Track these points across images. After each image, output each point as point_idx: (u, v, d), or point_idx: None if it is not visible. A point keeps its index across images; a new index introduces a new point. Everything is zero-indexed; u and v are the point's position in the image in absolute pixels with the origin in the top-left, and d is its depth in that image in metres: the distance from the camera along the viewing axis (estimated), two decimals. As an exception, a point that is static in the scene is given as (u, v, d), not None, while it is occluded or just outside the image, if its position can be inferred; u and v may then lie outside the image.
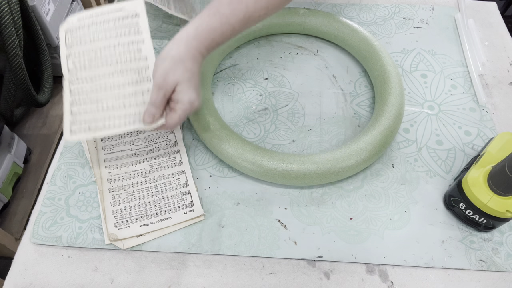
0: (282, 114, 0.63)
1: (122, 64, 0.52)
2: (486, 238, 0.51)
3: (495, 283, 0.49)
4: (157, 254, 0.50)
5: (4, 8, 0.99)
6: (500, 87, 0.67)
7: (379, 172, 0.57)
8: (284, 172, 0.52)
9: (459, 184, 0.50)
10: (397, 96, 0.58)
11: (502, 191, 0.46)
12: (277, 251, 0.50)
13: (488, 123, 0.62)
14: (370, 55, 0.64)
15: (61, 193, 0.54)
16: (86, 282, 0.48)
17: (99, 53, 0.52)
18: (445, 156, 0.59)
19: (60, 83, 0.53)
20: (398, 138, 0.60)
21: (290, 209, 0.53)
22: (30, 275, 0.49)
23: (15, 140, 1.19)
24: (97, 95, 0.51)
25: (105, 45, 0.53)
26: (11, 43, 1.04)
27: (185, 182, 0.55)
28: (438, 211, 0.54)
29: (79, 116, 0.50)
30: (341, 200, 0.54)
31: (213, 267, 0.49)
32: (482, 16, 0.78)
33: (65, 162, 0.57)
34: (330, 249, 0.50)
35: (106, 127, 0.50)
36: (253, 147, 0.54)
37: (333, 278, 0.49)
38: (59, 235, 0.51)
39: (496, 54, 0.72)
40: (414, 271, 0.49)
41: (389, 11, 0.78)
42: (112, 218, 0.52)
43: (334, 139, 0.60)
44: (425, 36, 0.74)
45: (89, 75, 0.51)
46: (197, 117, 0.57)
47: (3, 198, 1.16)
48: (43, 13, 1.22)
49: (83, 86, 0.51)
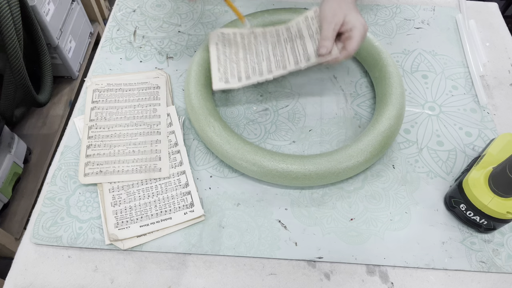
0: (282, 114, 0.63)
1: (137, 119, 0.60)
2: (486, 239, 0.51)
3: (495, 284, 0.48)
4: (157, 255, 0.50)
5: (4, 8, 0.99)
6: (501, 88, 0.67)
7: (380, 173, 0.57)
8: (285, 172, 0.52)
9: (460, 185, 0.50)
10: (398, 97, 0.58)
11: (503, 192, 0.46)
12: (278, 251, 0.50)
13: (489, 124, 0.62)
14: (371, 56, 0.64)
15: (62, 193, 0.54)
16: (86, 282, 0.48)
17: (120, 110, 0.61)
18: (446, 157, 0.59)
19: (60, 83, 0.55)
20: (398, 139, 0.60)
21: (290, 210, 0.53)
22: (30, 275, 0.49)
23: (15, 140, 1.19)
24: (111, 141, 0.58)
25: (127, 105, 0.62)
26: (11, 43, 1.04)
27: (186, 183, 0.55)
28: (438, 212, 0.54)
29: (93, 158, 0.56)
30: (341, 201, 0.54)
31: (213, 268, 0.49)
32: (483, 17, 0.78)
33: (65, 162, 0.57)
34: (331, 250, 0.50)
35: (115, 172, 0.55)
36: (253, 147, 0.53)
37: (334, 279, 0.49)
38: (59, 235, 0.51)
39: (497, 55, 0.72)
40: (415, 272, 0.49)
41: (390, 12, 0.78)
42: (113, 218, 0.52)
43: (335, 139, 0.60)
44: (426, 36, 0.74)
45: (107, 125, 0.60)
46: (198, 117, 0.57)
47: (3, 198, 1.16)
48: (43, 13, 1.22)
49: (100, 132, 0.59)
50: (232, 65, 0.61)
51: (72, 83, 1.49)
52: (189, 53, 0.70)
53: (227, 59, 0.62)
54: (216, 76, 0.59)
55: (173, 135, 0.59)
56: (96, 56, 0.69)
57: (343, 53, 0.56)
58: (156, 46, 0.71)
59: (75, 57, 1.46)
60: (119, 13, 0.75)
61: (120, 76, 0.66)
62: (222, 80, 0.59)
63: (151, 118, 0.61)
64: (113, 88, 0.64)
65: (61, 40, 1.34)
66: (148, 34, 0.72)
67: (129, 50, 0.70)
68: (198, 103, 0.57)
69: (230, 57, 0.62)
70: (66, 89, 1.47)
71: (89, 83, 0.64)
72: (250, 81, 0.59)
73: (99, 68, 0.67)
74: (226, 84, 0.59)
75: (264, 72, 0.60)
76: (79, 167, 0.56)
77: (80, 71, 1.52)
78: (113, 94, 0.63)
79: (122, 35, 0.72)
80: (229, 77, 0.59)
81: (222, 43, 0.63)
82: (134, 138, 0.59)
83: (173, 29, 0.73)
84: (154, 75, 0.66)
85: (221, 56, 0.62)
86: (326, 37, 0.55)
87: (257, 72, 0.60)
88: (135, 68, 0.67)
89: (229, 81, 0.59)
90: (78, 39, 1.49)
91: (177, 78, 0.66)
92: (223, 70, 0.60)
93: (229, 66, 0.61)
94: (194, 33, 0.73)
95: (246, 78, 0.59)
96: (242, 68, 0.61)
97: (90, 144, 0.58)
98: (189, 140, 0.60)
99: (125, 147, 0.58)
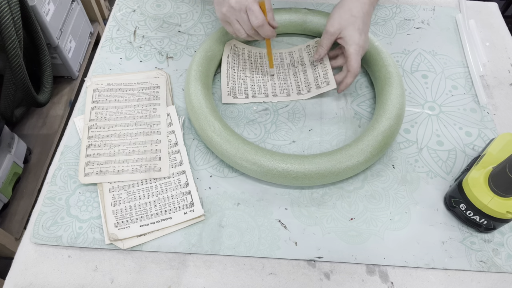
0: (282, 114, 0.63)
1: (137, 119, 0.60)
2: (486, 239, 0.51)
3: (495, 284, 0.49)
4: (157, 254, 0.50)
5: (4, 8, 0.99)
6: (501, 87, 0.67)
7: (380, 173, 0.57)
8: (285, 172, 0.52)
9: (460, 185, 0.50)
10: (398, 97, 0.58)
11: (502, 192, 0.46)
12: (278, 251, 0.50)
13: (489, 124, 0.62)
14: (371, 56, 0.64)
15: (62, 193, 0.54)
16: (86, 282, 0.48)
17: (120, 109, 0.61)
18: (446, 157, 0.59)
19: (60, 83, 0.55)
20: (398, 138, 0.60)
21: (290, 210, 0.53)
22: (30, 275, 0.49)
23: (15, 140, 1.19)
24: (111, 140, 0.58)
25: (127, 105, 0.62)
26: (11, 43, 1.04)
27: (186, 182, 0.55)
28: (438, 212, 0.54)
29: (93, 158, 0.56)
30: (341, 201, 0.54)
31: (213, 268, 0.49)
32: (483, 16, 0.78)
33: (65, 162, 0.57)
34: (331, 250, 0.50)
35: (115, 172, 0.55)
36: (253, 147, 0.53)
37: (333, 278, 0.49)
38: (59, 235, 0.51)
39: (497, 54, 0.72)
40: (415, 271, 0.49)
41: (390, 12, 0.78)
42: (113, 218, 0.52)
43: (335, 139, 0.60)
44: (426, 36, 0.74)
45: (107, 124, 0.60)
46: (198, 117, 0.57)
47: (3, 198, 1.16)
48: (43, 13, 1.22)
49: (100, 132, 0.59)
50: (239, 81, 0.65)
51: (72, 83, 1.49)
52: (189, 53, 0.70)
53: (236, 74, 0.66)
54: (225, 90, 0.64)
55: (173, 135, 0.59)
56: (96, 56, 0.69)
57: (349, 75, 0.59)
58: (156, 46, 0.71)
59: (75, 57, 1.46)
60: (119, 13, 0.75)
61: (120, 76, 0.66)
62: (230, 94, 0.64)
63: (151, 118, 0.61)
64: (113, 88, 0.64)
65: (61, 40, 1.34)
66: (148, 34, 0.72)
67: (129, 50, 0.70)
68: (198, 103, 0.57)
69: (238, 74, 0.66)
70: (66, 89, 1.47)
71: (89, 83, 0.64)
72: (255, 100, 0.64)
73: (99, 68, 0.67)
74: (234, 99, 0.63)
75: (269, 94, 0.65)
76: (79, 167, 0.56)
77: (80, 71, 1.52)
78: (113, 94, 0.63)
79: (122, 35, 0.72)
80: (237, 92, 0.64)
81: (233, 57, 0.66)
82: (134, 138, 0.59)
83: (173, 29, 0.73)
84: (154, 75, 0.66)
85: (230, 70, 0.65)
86: (320, 44, 0.62)
87: (263, 92, 0.65)
88: (135, 68, 0.68)
89: (237, 97, 0.64)
90: (78, 39, 1.49)
91: (177, 78, 0.66)
92: (232, 85, 0.65)
93: (237, 82, 0.65)
94: (194, 33, 0.73)
95: (252, 96, 0.64)
96: (249, 86, 0.65)
97: (90, 144, 0.58)
98: (189, 140, 0.60)
99: (125, 147, 0.58)
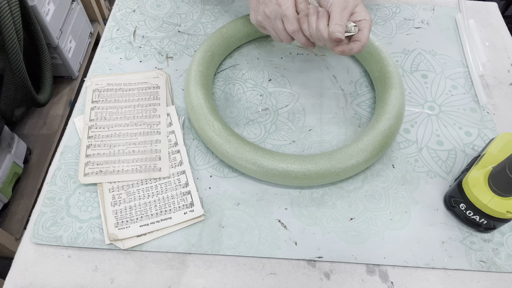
0: (282, 114, 0.63)
1: (137, 119, 0.60)
2: (486, 239, 0.51)
3: (495, 284, 0.49)
4: (157, 254, 0.50)
5: (4, 8, 0.99)
6: (500, 87, 0.67)
7: (380, 173, 0.57)
8: (285, 172, 0.52)
9: (460, 184, 0.50)
10: (397, 97, 0.58)
11: (502, 192, 0.46)
12: (277, 251, 0.50)
13: (489, 123, 0.62)
14: (370, 56, 0.64)
15: (62, 193, 0.54)
16: (86, 282, 0.48)
17: (120, 109, 0.61)
18: (446, 157, 0.59)
19: (60, 83, 0.55)
20: (398, 138, 0.60)
21: (290, 210, 0.53)
22: (30, 275, 0.49)
23: (15, 140, 1.19)
24: (111, 140, 0.58)
25: (127, 105, 0.62)
26: (11, 43, 1.04)
27: (186, 182, 0.55)
28: (438, 211, 0.54)
29: (93, 158, 0.56)
30: (341, 201, 0.54)
31: (213, 268, 0.49)
32: (483, 16, 0.78)
33: (65, 162, 0.57)
34: (331, 250, 0.50)
35: (115, 172, 0.55)
36: (253, 147, 0.54)
37: (333, 278, 0.49)
38: (59, 235, 0.51)
39: (496, 54, 0.72)
40: (415, 271, 0.49)
41: (390, 11, 0.78)
42: (112, 218, 0.52)
43: (335, 139, 0.60)
44: (425, 36, 0.74)
45: (107, 124, 0.60)
46: (198, 117, 0.57)
47: (3, 198, 1.16)
48: (43, 13, 1.22)
49: (100, 132, 0.59)
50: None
51: (72, 83, 1.49)
52: (189, 53, 0.70)
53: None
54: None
55: (173, 135, 0.59)
56: (96, 56, 0.69)
57: (357, 44, 0.55)
58: (156, 46, 0.71)
59: (75, 57, 1.46)
60: (119, 13, 0.75)
61: (120, 76, 0.66)
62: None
63: (151, 118, 0.61)
64: (113, 88, 0.64)
65: (61, 40, 1.34)
66: (148, 34, 0.72)
67: (129, 50, 0.70)
68: (198, 103, 0.57)
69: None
70: (66, 89, 1.47)
71: (89, 83, 0.65)
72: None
73: (99, 68, 0.67)
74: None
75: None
76: (79, 167, 0.56)
77: (80, 71, 1.52)
78: (113, 94, 0.63)
79: (122, 35, 0.72)
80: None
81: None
82: (134, 138, 0.59)
83: (173, 29, 0.73)
84: (154, 75, 0.66)
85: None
86: (341, 21, 0.55)
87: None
88: (135, 68, 0.68)
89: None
90: (78, 39, 1.49)
91: (177, 78, 0.66)
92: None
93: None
94: (194, 33, 0.73)
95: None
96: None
97: (90, 144, 0.58)
98: (189, 140, 0.60)
99: (125, 147, 0.58)
